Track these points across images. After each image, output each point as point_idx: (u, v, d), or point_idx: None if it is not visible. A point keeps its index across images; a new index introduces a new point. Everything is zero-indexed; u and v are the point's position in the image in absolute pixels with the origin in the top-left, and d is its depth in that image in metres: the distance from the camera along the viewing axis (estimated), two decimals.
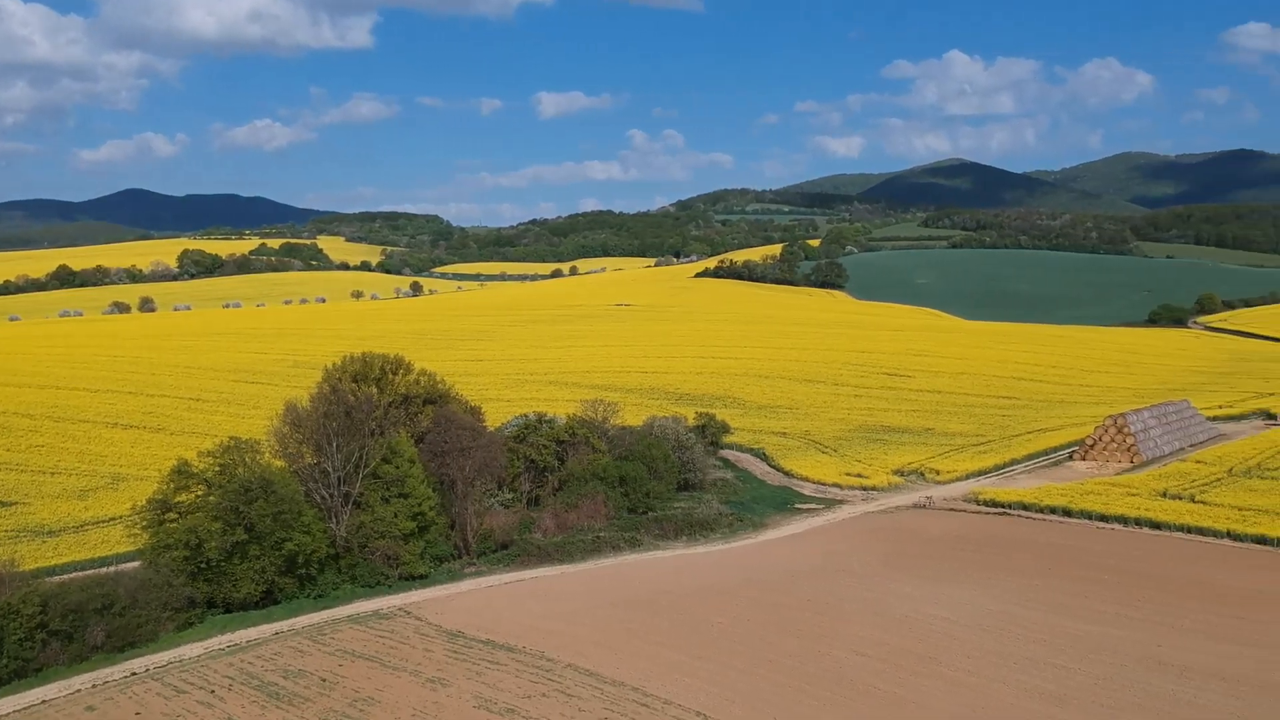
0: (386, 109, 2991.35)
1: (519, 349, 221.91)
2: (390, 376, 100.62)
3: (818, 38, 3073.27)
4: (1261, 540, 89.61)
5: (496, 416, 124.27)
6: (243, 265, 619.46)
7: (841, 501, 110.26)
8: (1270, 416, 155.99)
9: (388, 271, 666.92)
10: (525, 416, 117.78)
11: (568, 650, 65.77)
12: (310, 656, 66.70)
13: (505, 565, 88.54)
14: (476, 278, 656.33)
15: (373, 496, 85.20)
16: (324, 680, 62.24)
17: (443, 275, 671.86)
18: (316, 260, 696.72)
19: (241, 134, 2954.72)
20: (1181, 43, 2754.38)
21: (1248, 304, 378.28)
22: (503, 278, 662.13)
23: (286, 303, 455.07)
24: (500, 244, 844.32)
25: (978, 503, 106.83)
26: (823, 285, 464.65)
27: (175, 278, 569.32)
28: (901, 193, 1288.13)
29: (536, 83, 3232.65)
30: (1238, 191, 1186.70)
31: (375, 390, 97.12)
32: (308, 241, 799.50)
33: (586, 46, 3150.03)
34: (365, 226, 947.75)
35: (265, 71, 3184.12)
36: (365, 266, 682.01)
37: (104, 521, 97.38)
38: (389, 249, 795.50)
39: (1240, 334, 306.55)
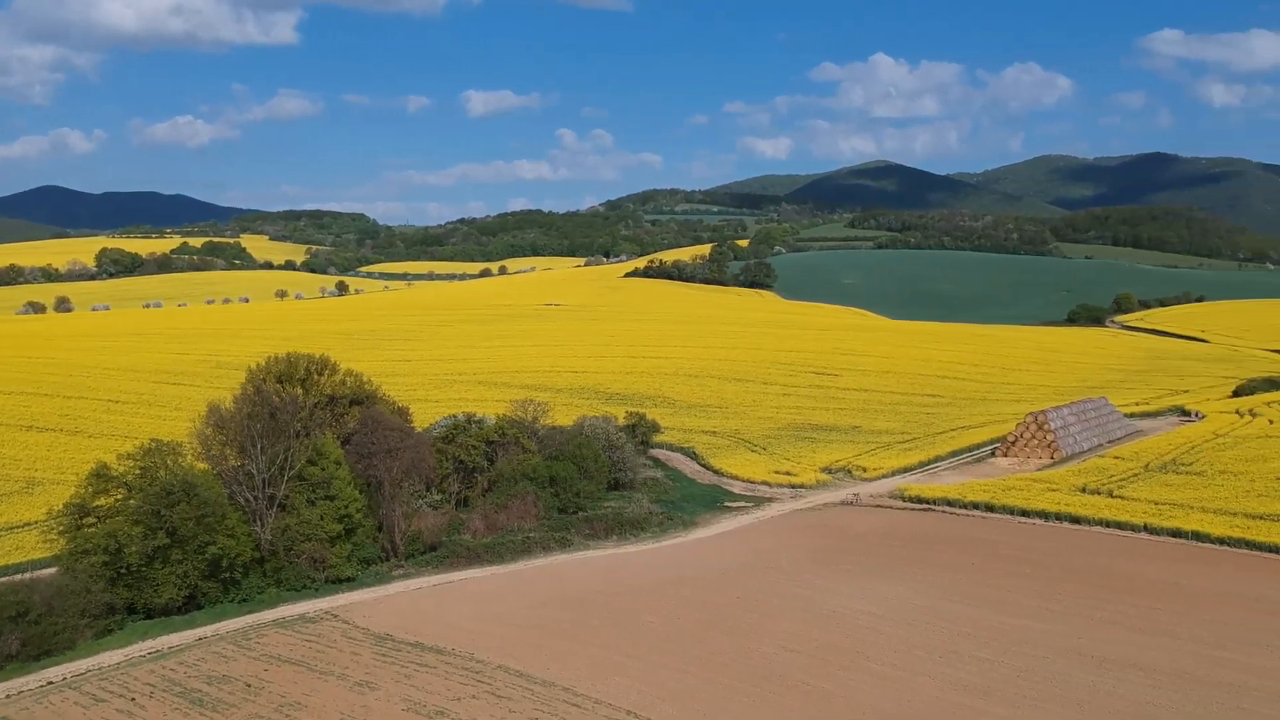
0: (311, 106, 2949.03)
1: (447, 349, 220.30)
2: (316, 377, 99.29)
3: (746, 39, 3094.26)
4: (1176, 533, 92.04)
5: (425, 417, 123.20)
6: (164, 264, 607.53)
7: (771, 499, 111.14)
8: (1185, 413, 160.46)
9: (313, 271, 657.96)
10: (454, 417, 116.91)
11: (498, 651, 65.48)
12: (235, 662, 65.57)
13: (434, 567, 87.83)
14: (404, 277, 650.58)
15: (298, 499, 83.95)
16: (249, 686, 61.23)
17: (369, 275, 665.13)
18: (240, 259, 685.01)
19: (162, 130, 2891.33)
20: (1099, 48, 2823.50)
21: (1163, 304, 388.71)
22: (430, 277, 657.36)
23: (209, 302, 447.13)
24: (428, 243, 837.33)
25: (903, 499, 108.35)
26: (751, 285, 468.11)
27: (93, 277, 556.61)
28: (829, 194, 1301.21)
29: (464, 81, 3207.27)
30: (1153, 194, 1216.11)
31: (300, 391, 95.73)
32: (231, 240, 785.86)
33: (515, 45, 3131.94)
34: (290, 225, 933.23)
35: (187, 67, 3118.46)
36: (290, 266, 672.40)
37: (18, 527, 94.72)
38: (314, 248, 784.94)
39: (1156, 333, 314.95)
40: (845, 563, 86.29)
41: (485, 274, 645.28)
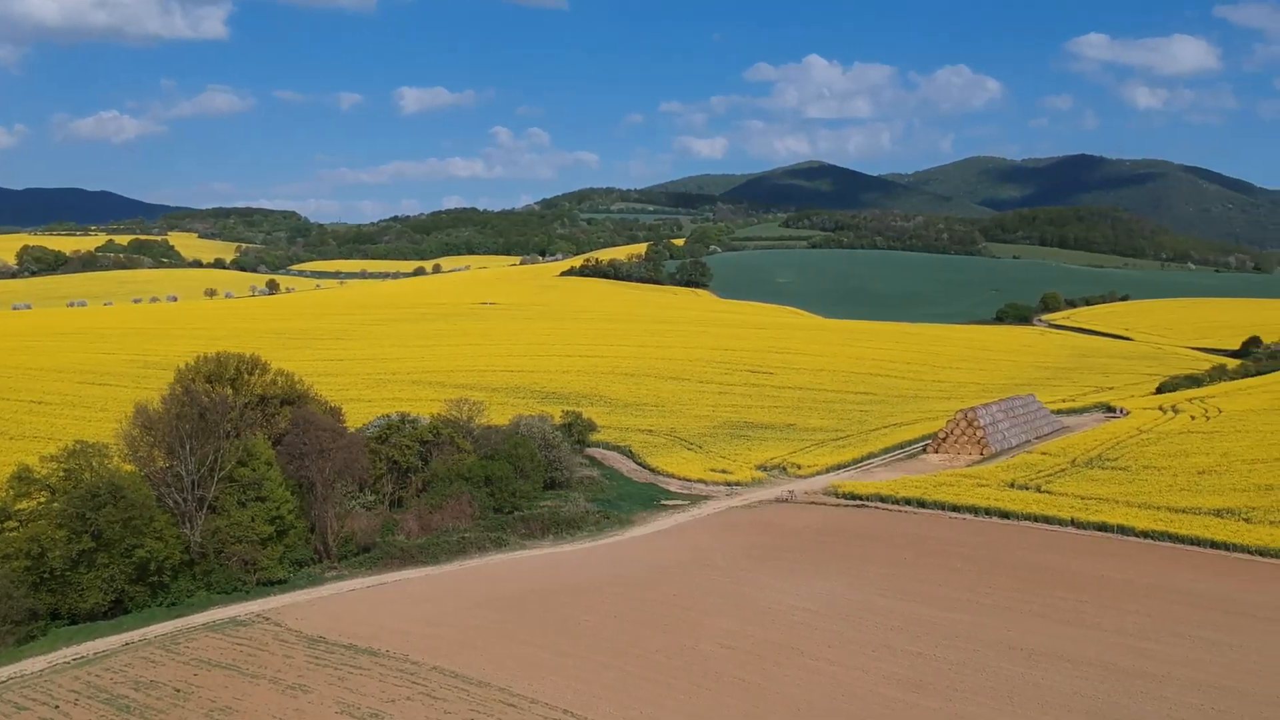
0: (241, 102, 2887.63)
1: (381, 348, 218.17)
2: (246, 377, 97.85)
3: (681, 39, 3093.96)
4: (1102, 527, 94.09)
5: (358, 417, 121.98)
6: (88, 262, 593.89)
7: (706, 497, 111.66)
8: (1110, 409, 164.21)
9: (243, 269, 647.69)
10: (388, 417, 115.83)
11: (432, 652, 65.02)
12: (163, 667, 64.34)
13: (368, 568, 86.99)
14: (336, 275, 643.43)
15: (229, 500, 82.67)
16: (178, 691, 60.13)
17: (301, 273, 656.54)
18: (168, 258, 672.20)
19: (86, 126, 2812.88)
20: (1027, 51, 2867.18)
21: (1088, 302, 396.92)
22: (363, 275, 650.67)
23: (136, 301, 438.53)
24: (361, 241, 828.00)
25: (837, 495, 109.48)
26: (687, 284, 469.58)
27: (14, 275, 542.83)
28: (764, 193, 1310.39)
29: (398, 78, 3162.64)
30: (1080, 195, 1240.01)
31: (230, 391, 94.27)
32: (158, 238, 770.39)
33: (449, 42, 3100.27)
34: (219, 223, 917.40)
35: (112, 61, 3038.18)
36: (219, 264, 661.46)
37: None
38: (244, 246, 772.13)
39: (1082, 331, 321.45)
40: (781, 559, 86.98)
41: (419, 272, 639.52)
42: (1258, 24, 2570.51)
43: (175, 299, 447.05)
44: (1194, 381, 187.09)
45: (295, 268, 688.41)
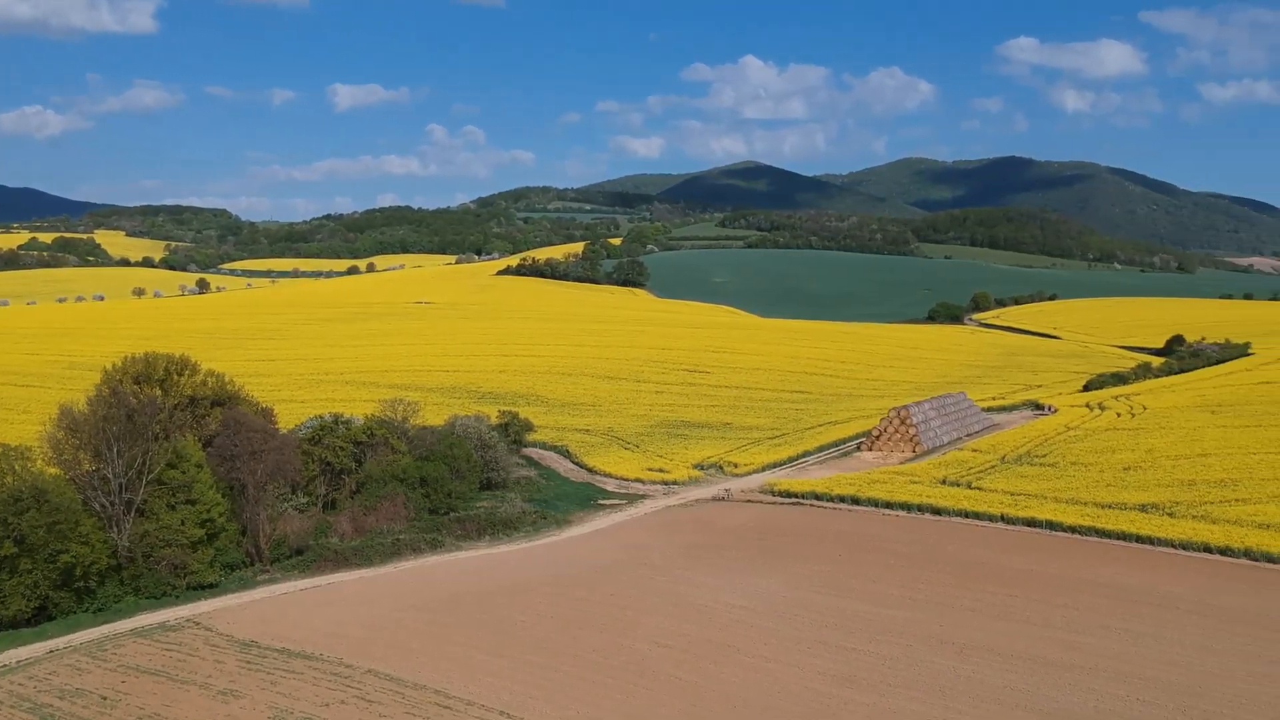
0: (171, 98, 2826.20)
1: (314, 348, 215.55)
2: (175, 377, 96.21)
3: (618, 38, 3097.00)
4: (1031, 523, 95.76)
5: (290, 418, 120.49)
6: (10, 261, 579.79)
7: (644, 496, 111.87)
8: (1038, 407, 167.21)
9: (172, 268, 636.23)
10: (321, 418, 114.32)
11: (367, 655, 64.44)
12: (90, 674, 63.01)
13: (301, 571, 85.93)
14: (268, 274, 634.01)
15: (158, 503, 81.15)
16: (105, 699, 58.92)
17: (232, 272, 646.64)
18: (94, 256, 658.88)
19: (8, 121, 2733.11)
20: (959, 54, 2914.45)
21: (1017, 302, 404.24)
22: (296, 274, 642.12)
23: (61, 301, 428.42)
24: (293, 239, 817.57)
25: (773, 494, 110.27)
26: (624, 283, 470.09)
27: None
28: (701, 193, 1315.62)
29: (331, 74, 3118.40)
30: (1010, 196, 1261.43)
31: (159, 392, 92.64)
32: (84, 236, 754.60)
33: (384, 38, 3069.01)
34: (148, 221, 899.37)
35: (36, 55, 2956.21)
36: (148, 263, 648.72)
37: None
38: (174, 245, 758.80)
39: (1011, 330, 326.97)
40: (717, 557, 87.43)
41: (353, 271, 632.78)
42: (1180, 29, 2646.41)
43: (102, 298, 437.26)
44: (1120, 379, 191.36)
45: (226, 267, 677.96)
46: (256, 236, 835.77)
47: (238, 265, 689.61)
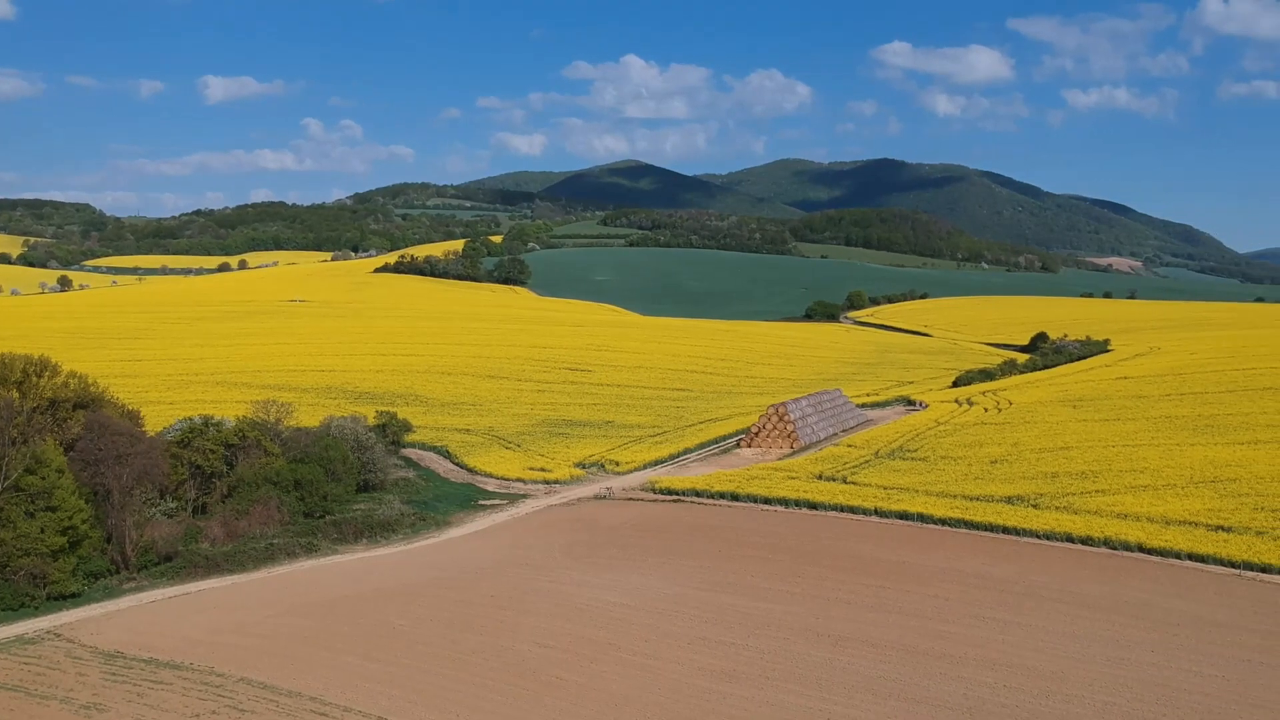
0: (30, 87, 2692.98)
1: (182, 348, 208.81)
2: (34, 379, 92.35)
3: (499, 34, 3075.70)
4: (903, 516, 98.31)
5: (158, 420, 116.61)
6: None
7: (525, 496, 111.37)
8: (910, 403, 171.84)
9: (31, 265, 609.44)
10: (190, 419, 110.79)
11: (240, 664, 62.66)
12: None
13: (170, 578, 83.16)
14: (134, 271, 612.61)
15: (15, 511, 77.58)
16: None
17: (96, 269, 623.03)
18: None
19: None
20: (835, 57, 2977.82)
21: (891, 300, 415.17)
22: (164, 271, 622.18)
23: None
24: (161, 235, 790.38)
25: (654, 491, 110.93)
26: (506, 281, 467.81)
27: None
28: (584, 191, 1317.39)
29: (202, 65, 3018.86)
30: (885, 197, 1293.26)
31: (17, 394, 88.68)
32: None
33: (257, 30, 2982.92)
34: (4, 215, 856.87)
35: None
36: (4, 259, 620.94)
37: None
38: (32, 240, 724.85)
39: (885, 328, 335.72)
40: (598, 556, 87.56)
41: (224, 268, 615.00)
42: (1046, 37, 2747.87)
43: None
44: (987, 375, 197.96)
45: (90, 264, 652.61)
46: (122, 232, 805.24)
47: (102, 262, 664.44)
